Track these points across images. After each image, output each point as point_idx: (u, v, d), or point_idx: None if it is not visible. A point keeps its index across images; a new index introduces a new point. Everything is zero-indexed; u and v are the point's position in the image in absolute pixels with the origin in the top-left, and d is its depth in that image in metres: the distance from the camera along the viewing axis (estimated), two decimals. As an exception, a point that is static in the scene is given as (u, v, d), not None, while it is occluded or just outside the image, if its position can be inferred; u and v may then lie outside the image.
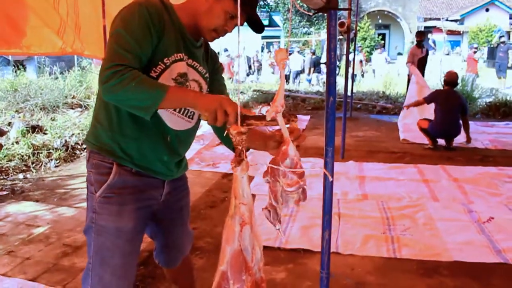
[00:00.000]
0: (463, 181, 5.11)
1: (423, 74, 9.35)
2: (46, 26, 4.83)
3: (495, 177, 5.22)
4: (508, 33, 29.86)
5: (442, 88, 7.39)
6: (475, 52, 18.93)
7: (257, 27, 1.74)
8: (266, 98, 11.93)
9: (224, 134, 1.30)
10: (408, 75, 9.75)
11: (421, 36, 9.34)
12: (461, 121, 6.88)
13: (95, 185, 1.73)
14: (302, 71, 18.98)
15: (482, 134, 7.78)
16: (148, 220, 1.87)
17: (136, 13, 1.56)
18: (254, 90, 13.50)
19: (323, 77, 17.84)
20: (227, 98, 1.44)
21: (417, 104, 7.35)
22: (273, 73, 21.65)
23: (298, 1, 1.75)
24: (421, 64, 9.01)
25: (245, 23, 1.71)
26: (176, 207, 1.98)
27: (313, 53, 19.62)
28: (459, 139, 6.99)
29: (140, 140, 1.71)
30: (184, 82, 1.71)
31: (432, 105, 7.10)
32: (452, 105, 6.79)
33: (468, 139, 7.01)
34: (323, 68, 18.13)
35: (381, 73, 18.42)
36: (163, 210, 1.90)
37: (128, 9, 1.59)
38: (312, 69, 18.40)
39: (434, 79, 13.86)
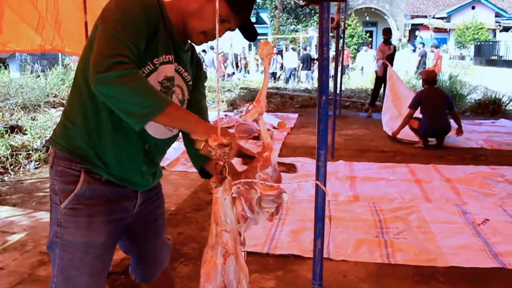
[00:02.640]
0: (455, 181, 4.99)
1: None
2: (23, 22, 4.63)
3: (488, 177, 5.11)
4: (494, 31, 30.04)
5: (422, 89, 7.24)
6: (437, 47, 18.98)
7: (250, 34, 1.59)
8: (253, 96, 11.75)
9: (199, 147, 1.13)
10: (376, 72, 9.73)
11: (388, 34, 9.40)
12: (450, 116, 6.78)
13: (59, 195, 1.54)
14: (297, 69, 18.82)
15: (473, 133, 7.69)
16: (120, 234, 1.69)
17: (137, 3, 1.39)
18: (241, 88, 13.34)
19: (312, 74, 17.75)
20: (226, 129, 1.28)
21: (406, 121, 6.94)
22: (257, 70, 21.55)
23: None
24: (389, 60, 9.15)
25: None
26: (150, 218, 1.79)
27: (305, 49, 19.46)
28: (450, 135, 6.89)
29: (119, 148, 1.53)
30: (170, 87, 1.55)
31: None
32: (436, 103, 6.70)
33: (460, 131, 6.81)
34: (313, 65, 18.03)
35: (369, 70, 18.32)
36: (136, 223, 1.72)
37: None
38: (301, 66, 18.23)
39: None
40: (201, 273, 1.02)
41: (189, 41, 1.63)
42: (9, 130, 6.67)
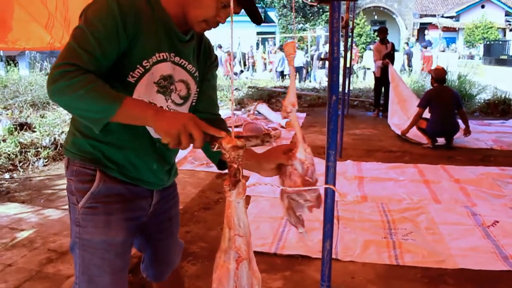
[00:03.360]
0: (464, 182, 4.95)
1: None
2: (33, 20, 4.64)
3: (498, 178, 5.06)
4: (503, 30, 29.82)
5: (431, 88, 7.16)
6: (425, 47, 18.96)
7: (255, 17, 1.54)
8: (261, 94, 11.74)
9: (213, 150, 1.11)
10: (374, 72, 9.65)
11: (384, 33, 9.26)
12: (458, 116, 6.73)
13: (76, 195, 1.53)
14: (304, 67, 18.75)
15: (482, 133, 7.62)
16: (136, 233, 1.68)
17: (104, 8, 1.34)
18: (249, 87, 13.31)
19: (318, 73, 17.71)
20: (192, 117, 1.22)
21: (416, 119, 6.91)
22: (265, 70, 21.51)
23: None
24: (388, 59, 8.95)
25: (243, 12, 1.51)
26: (165, 217, 1.78)
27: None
28: (458, 136, 6.84)
29: (126, 148, 1.51)
30: (168, 86, 1.51)
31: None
32: (446, 102, 6.65)
33: (468, 131, 6.74)
34: (318, 63, 17.97)
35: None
36: (151, 222, 1.71)
37: (96, 2, 1.36)
38: (319, 64, 18.12)
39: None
40: (213, 278, 1.00)
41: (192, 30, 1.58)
42: (18, 128, 6.70)
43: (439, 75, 6.90)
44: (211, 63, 1.72)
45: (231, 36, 0.91)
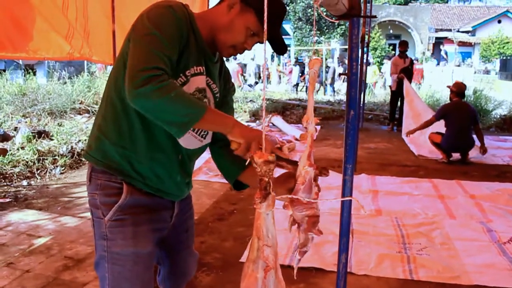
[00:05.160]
0: (480, 197, 4.91)
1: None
2: (53, 30, 4.74)
3: (514, 194, 5.02)
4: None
5: (450, 102, 7.14)
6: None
7: (280, 47, 1.57)
8: (275, 107, 11.78)
9: (246, 163, 1.15)
10: (390, 87, 9.62)
11: (404, 46, 9.19)
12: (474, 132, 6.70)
13: (102, 208, 1.53)
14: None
15: (498, 149, 7.56)
16: (157, 245, 1.69)
17: (170, 16, 1.40)
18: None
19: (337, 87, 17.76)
20: (266, 135, 1.30)
21: (424, 125, 6.96)
22: (280, 82, 21.58)
23: (322, 8, 1.56)
24: (406, 74, 8.85)
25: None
26: (182, 228, 1.80)
27: (343, 62, 19.49)
28: (475, 153, 6.79)
29: (154, 159, 1.53)
30: (202, 99, 1.55)
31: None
32: (463, 117, 6.61)
33: (484, 149, 6.68)
34: (338, 78, 18.01)
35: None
36: (170, 233, 1.73)
37: (158, 9, 1.41)
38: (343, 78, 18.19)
39: (446, 91, 13.64)
40: (241, 287, 1.03)
41: (218, 53, 1.63)
42: (36, 135, 6.81)
43: (459, 89, 6.87)
44: (229, 87, 1.77)
45: (264, 58, 0.94)
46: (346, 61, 2.27)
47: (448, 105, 6.99)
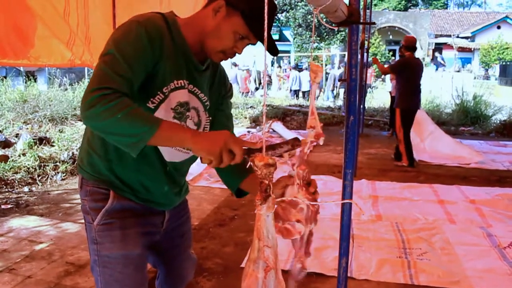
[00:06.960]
0: (480, 202, 4.93)
1: None
2: (55, 37, 4.76)
3: (514, 199, 5.03)
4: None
5: (404, 57, 7.01)
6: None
7: (272, 48, 1.52)
8: (276, 113, 11.80)
9: (247, 166, 1.16)
10: (390, 92, 9.63)
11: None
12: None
13: (91, 214, 1.57)
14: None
15: (498, 155, 7.58)
16: (150, 249, 1.71)
17: (132, 33, 1.35)
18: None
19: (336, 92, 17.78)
20: (229, 134, 1.24)
21: (383, 71, 7.12)
22: (280, 88, 21.59)
23: (322, 15, 1.57)
24: None
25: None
26: (177, 234, 1.82)
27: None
28: (468, 160, 6.82)
29: (140, 172, 1.55)
30: (184, 112, 1.53)
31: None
32: (419, 73, 6.72)
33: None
34: (338, 84, 18.00)
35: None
36: (164, 238, 1.75)
37: (124, 28, 1.38)
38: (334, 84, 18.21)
39: (446, 96, 13.70)
40: (242, 286, 1.06)
41: (208, 59, 1.59)
42: (37, 142, 6.82)
43: (410, 43, 7.02)
44: (225, 92, 1.73)
45: (264, 65, 0.96)
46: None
47: (406, 60, 6.85)
